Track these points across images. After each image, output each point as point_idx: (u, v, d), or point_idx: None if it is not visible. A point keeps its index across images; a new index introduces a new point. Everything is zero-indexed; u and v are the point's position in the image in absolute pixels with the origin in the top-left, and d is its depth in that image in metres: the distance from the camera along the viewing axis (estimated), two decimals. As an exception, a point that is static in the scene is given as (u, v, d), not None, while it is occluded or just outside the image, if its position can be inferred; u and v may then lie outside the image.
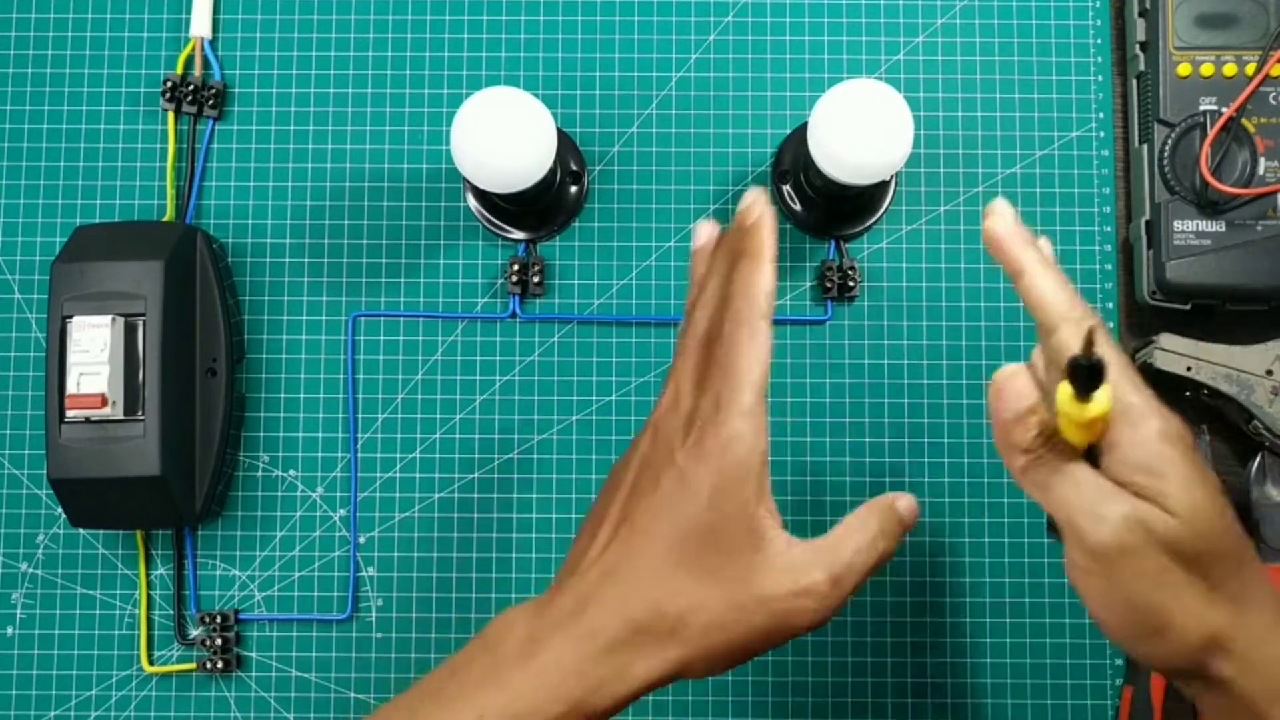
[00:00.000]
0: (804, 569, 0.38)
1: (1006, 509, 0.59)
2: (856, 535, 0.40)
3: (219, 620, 0.59)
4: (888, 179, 0.57)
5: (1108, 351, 0.36)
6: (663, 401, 0.41)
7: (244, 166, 0.62)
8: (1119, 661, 0.59)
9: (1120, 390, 0.36)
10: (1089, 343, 0.33)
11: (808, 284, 0.61)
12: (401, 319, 0.61)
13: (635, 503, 0.39)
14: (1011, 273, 0.40)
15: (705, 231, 0.44)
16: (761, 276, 0.39)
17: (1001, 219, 0.40)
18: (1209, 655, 0.35)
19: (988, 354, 0.60)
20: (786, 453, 0.60)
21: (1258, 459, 0.58)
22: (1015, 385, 0.38)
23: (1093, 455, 0.37)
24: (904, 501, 0.41)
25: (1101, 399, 0.34)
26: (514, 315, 0.61)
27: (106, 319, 0.54)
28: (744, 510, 0.38)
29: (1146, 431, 0.36)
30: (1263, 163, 0.57)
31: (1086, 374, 0.34)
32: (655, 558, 0.38)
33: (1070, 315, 0.37)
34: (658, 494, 0.38)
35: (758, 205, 0.41)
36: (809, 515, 0.60)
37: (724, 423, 0.38)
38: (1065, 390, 0.35)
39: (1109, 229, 0.61)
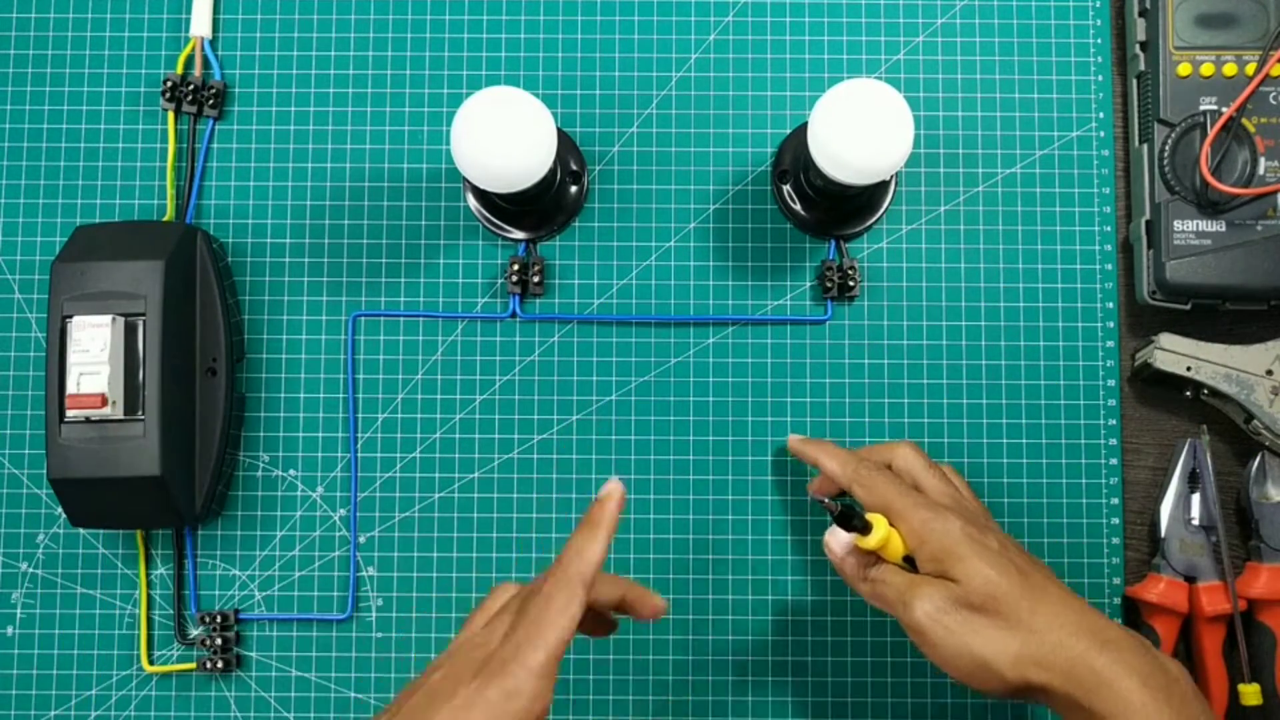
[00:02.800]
0: None
1: (1006, 509, 0.60)
2: None
3: (219, 620, 0.59)
4: (888, 179, 0.57)
5: (884, 492, 0.49)
6: (470, 626, 0.45)
7: (244, 166, 0.62)
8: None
9: (910, 516, 0.48)
10: (831, 511, 0.48)
11: (808, 284, 0.61)
12: (401, 319, 0.61)
13: None
14: (812, 464, 0.55)
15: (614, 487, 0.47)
16: (593, 545, 0.44)
17: (792, 439, 0.58)
18: (1024, 671, 0.44)
19: (988, 354, 0.60)
20: (787, 453, 0.60)
21: (1258, 459, 0.58)
22: (834, 544, 0.51)
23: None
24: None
25: (878, 530, 0.48)
26: (514, 315, 0.61)
27: (106, 319, 0.54)
28: None
29: (936, 537, 0.47)
30: (1263, 163, 0.57)
31: (841, 520, 0.48)
32: None
33: (850, 479, 0.51)
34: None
35: (613, 485, 0.46)
36: (809, 515, 0.60)
37: (512, 674, 0.40)
38: (856, 536, 0.49)
39: (1109, 229, 0.61)
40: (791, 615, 0.59)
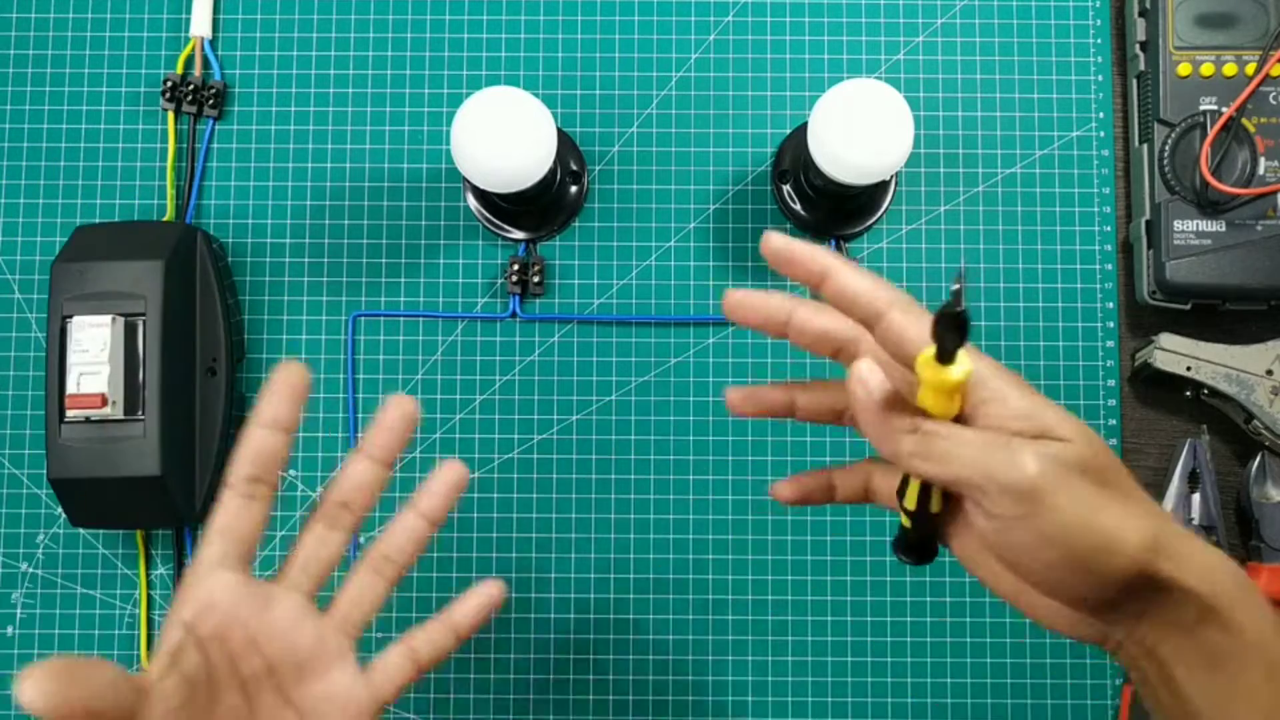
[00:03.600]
0: None
1: (1006, 509, 0.59)
2: None
3: (219, 620, 0.59)
4: (888, 179, 0.57)
5: (921, 325, 0.35)
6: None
7: (244, 166, 0.62)
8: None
9: (979, 357, 0.36)
10: (957, 296, 0.33)
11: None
12: (401, 319, 0.61)
13: None
14: (812, 278, 0.38)
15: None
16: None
17: (774, 235, 0.38)
18: (1153, 558, 0.35)
19: (987, 354, 0.60)
20: (787, 453, 0.60)
21: (1258, 459, 0.58)
22: (878, 375, 0.37)
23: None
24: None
25: (963, 360, 0.34)
26: (514, 315, 0.61)
27: (106, 319, 0.54)
28: None
29: (1006, 385, 0.36)
30: (1263, 163, 0.57)
31: (955, 325, 0.33)
32: None
33: (892, 299, 0.36)
34: None
35: (290, 369, 0.42)
36: (809, 515, 0.60)
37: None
38: (926, 360, 0.34)
39: (1109, 229, 0.61)
40: (792, 615, 0.59)
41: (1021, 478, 0.34)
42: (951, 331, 0.33)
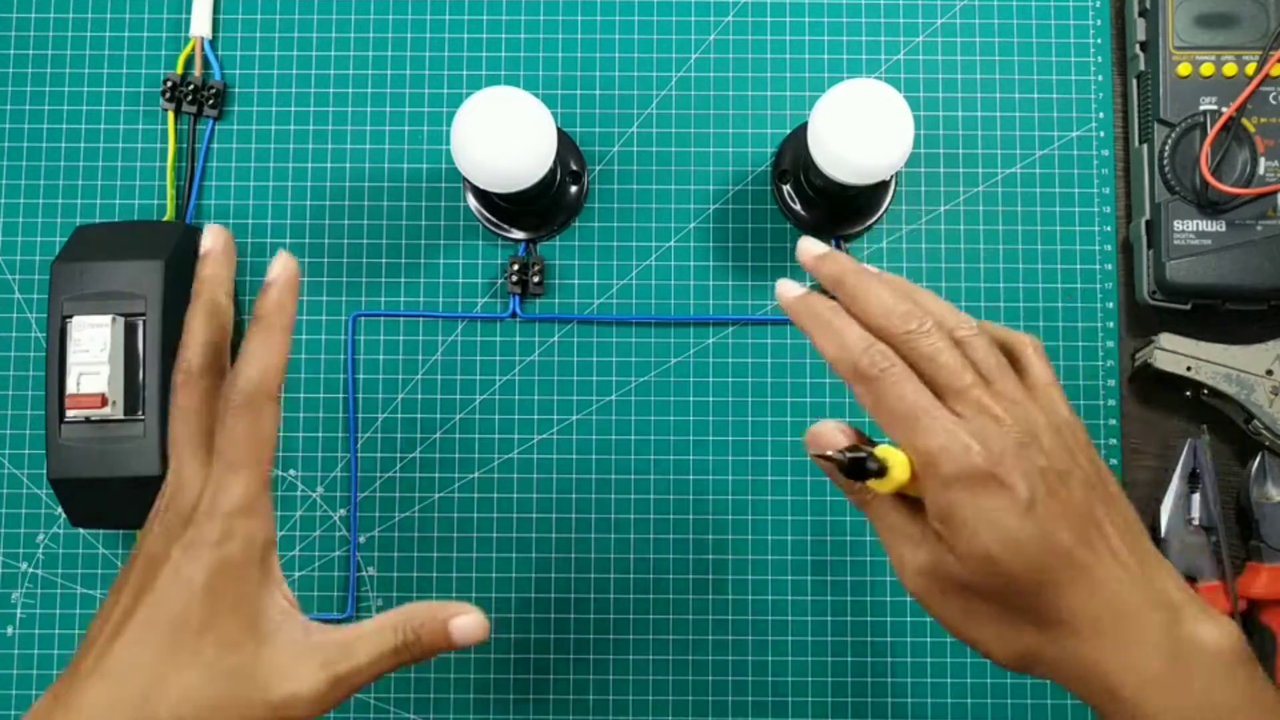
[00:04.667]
0: (306, 667, 0.37)
1: (1006, 509, 0.59)
2: (376, 641, 0.39)
3: (219, 620, 0.59)
4: (888, 179, 0.57)
5: (904, 395, 0.37)
6: (165, 490, 0.39)
7: (244, 166, 0.62)
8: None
9: (916, 441, 0.36)
10: (822, 461, 0.37)
11: (808, 284, 0.61)
12: (401, 319, 0.61)
13: (137, 600, 0.37)
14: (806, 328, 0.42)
15: (218, 239, 0.42)
16: (269, 348, 0.38)
17: (787, 289, 0.42)
18: (1026, 665, 0.37)
19: (988, 354, 0.60)
20: (787, 453, 0.60)
21: (1258, 459, 0.58)
22: (823, 439, 0.40)
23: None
24: (465, 619, 0.40)
25: (894, 474, 0.37)
26: (514, 315, 0.61)
27: (106, 319, 0.54)
28: (244, 604, 0.37)
29: (933, 482, 0.36)
30: (1263, 163, 0.57)
31: (851, 474, 0.37)
32: (152, 658, 0.36)
33: (851, 371, 0.39)
34: (155, 591, 0.37)
35: (283, 262, 0.40)
36: (809, 515, 0.60)
37: (217, 517, 0.37)
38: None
39: (1109, 229, 0.61)
40: (792, 615, 0.59)
41: (905, 581, 0.38)
42: (852, 473, 0.38)
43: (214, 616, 0.37)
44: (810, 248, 0.43)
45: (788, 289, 0.42)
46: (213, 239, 0.41)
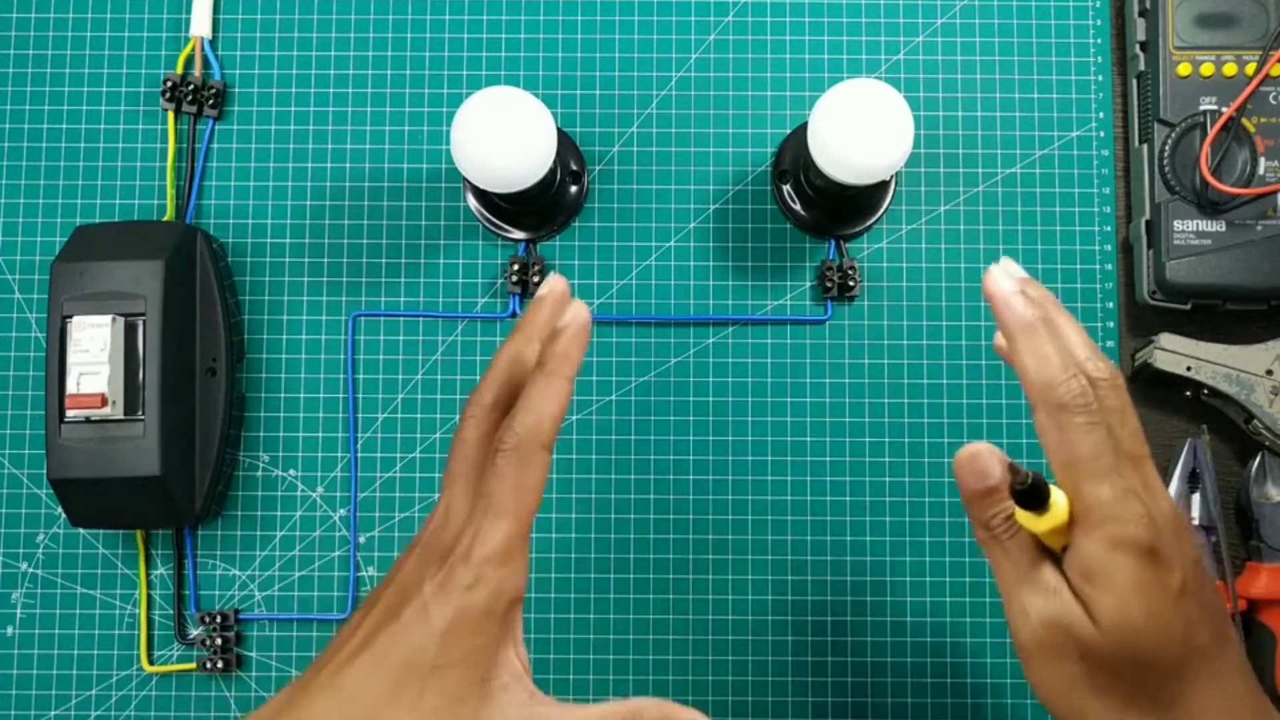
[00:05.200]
0: None
1: (1006, 509, 0.59)
2: None
3: (219, 620, 0.59)
4: (888, 179, 0.57)
5: (1083, 440, 0.35)
6: (433, 519, 0.39)
7: (244, 166, 0.62)
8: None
9: (1087, 490, 0.35)
10: (1013, 474, 0.35)
11: (808, 284, 0.61)
12: (401, 319, 0.61)
13: (379, 627, 0.37)
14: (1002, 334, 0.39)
15: (557, 285, 0.42)
16: (550, 398, 0.38)
17: (1002, 278, 0.39)
18: None
19: (988, 354, 0.60)
20: (787, 452, 0.60)
21: (1258, 459, 0.58)
22: (976, 466, 0.38)
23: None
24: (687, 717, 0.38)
25: (1055, 512, 0.35)
26: (514, 315, 0.61)
27: (106, 319, 0.54)
28: (478, 656, 0.36)
29: (1097, 536, 0.35)
30: (1263, 162, 0.57)
31: (1022, 499, 0.35)
32: (380, 688, 0.36)
33: (1045, 397, 0.36)
34: (398, 622, 0.36)
35: (579, 314, 0.39)
36: (809, 515, 0.60)
37: (474, 563, 0.36)
38: (1020, 512, 0.36)
39: (1109, 229, 0.61)
40: (792, 615, 0.59)
41: (1019, 634, 0.36)
42: (1023, 501, 0.35)
43: (446, 664, 0.36)
44: (1011, 270, 0.39)
45: (1002, 282, 0.38)
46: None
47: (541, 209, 0.60)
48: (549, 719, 0.36)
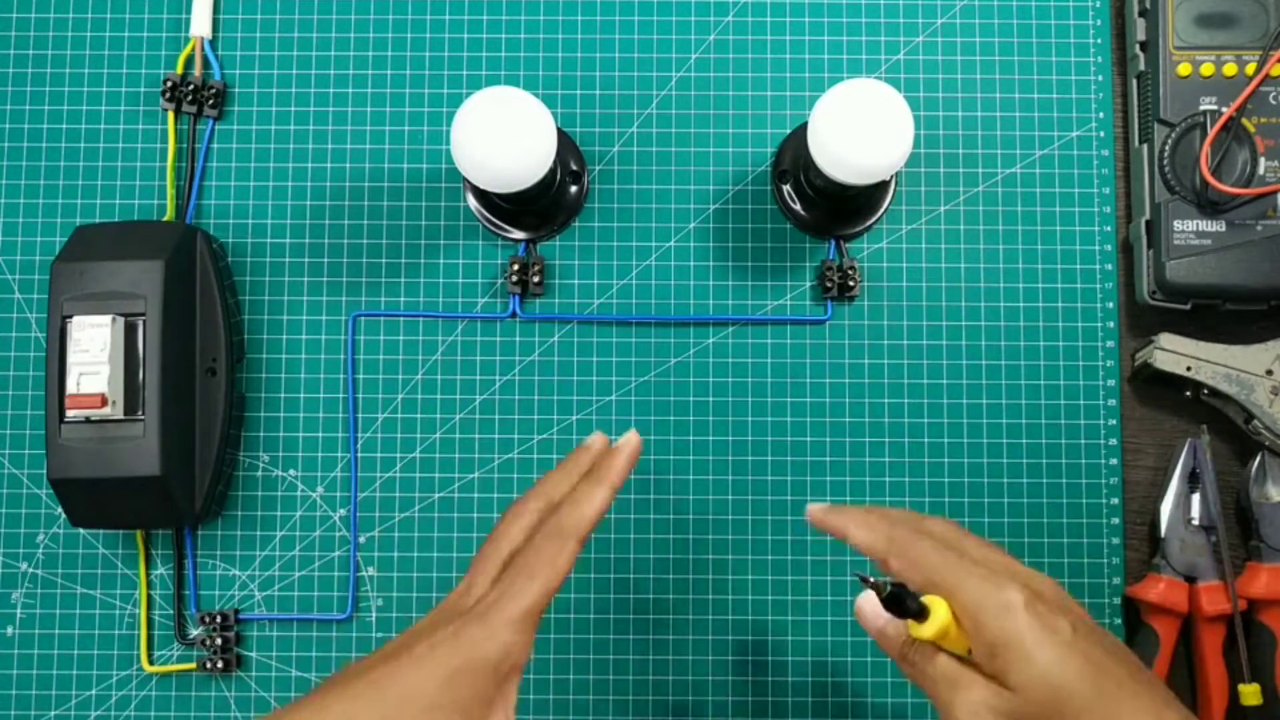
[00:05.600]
0: None
1: (1006, 509, 0.60)
2: None
3: (219, 620, 0.59)
4: (888, 179, 0.57)
5: (927, 555, 0.41)
6: (455, 591, 0.43)
7: (244, 166, 0.62)
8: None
9: (956, 588, 0.40)
10: (869, 585, 0.41)
11: (808, 284, 0.61)
12: (401, 319, 0.61)
13: (385, 661, 0.40)
14: (839, 538, 0.44)
15: (598, 440, 0.47)
16: (597, 498, 0.43)
17: (812, 508, 0.46)
18: None
19: (987, 354, 0.60)
20: (787, 452, 0.60)
21: (1258, 459, 0.58)
22: (865, 613, 0.44)
23: None
24: None
25: (937, 614, 0.40)
26: (514, 315, 0.61)
27: (106, 319, 0.54)
28: (473, 708, 0.39)
29: (985, 618, 0.39)
30: (1263, 163, 0.57)
31: (890, 603, 0.40)
32: (370, 716, 0.38)
33: (885, 550, 0.42)
34: (403, 658, 0.39)
35: (632, 438, 0.46)
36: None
37: (488, 621, 0.40)
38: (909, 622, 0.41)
39: (1109, 229, 0.61)
40: (792, 615, 0.59)
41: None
42: (895, 608, 0.41)
43: (442, 706, 0.38)
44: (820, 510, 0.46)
45: (814, 506, 0.46)
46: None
47: (541, 209, 0.60)
48: None
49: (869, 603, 0.44)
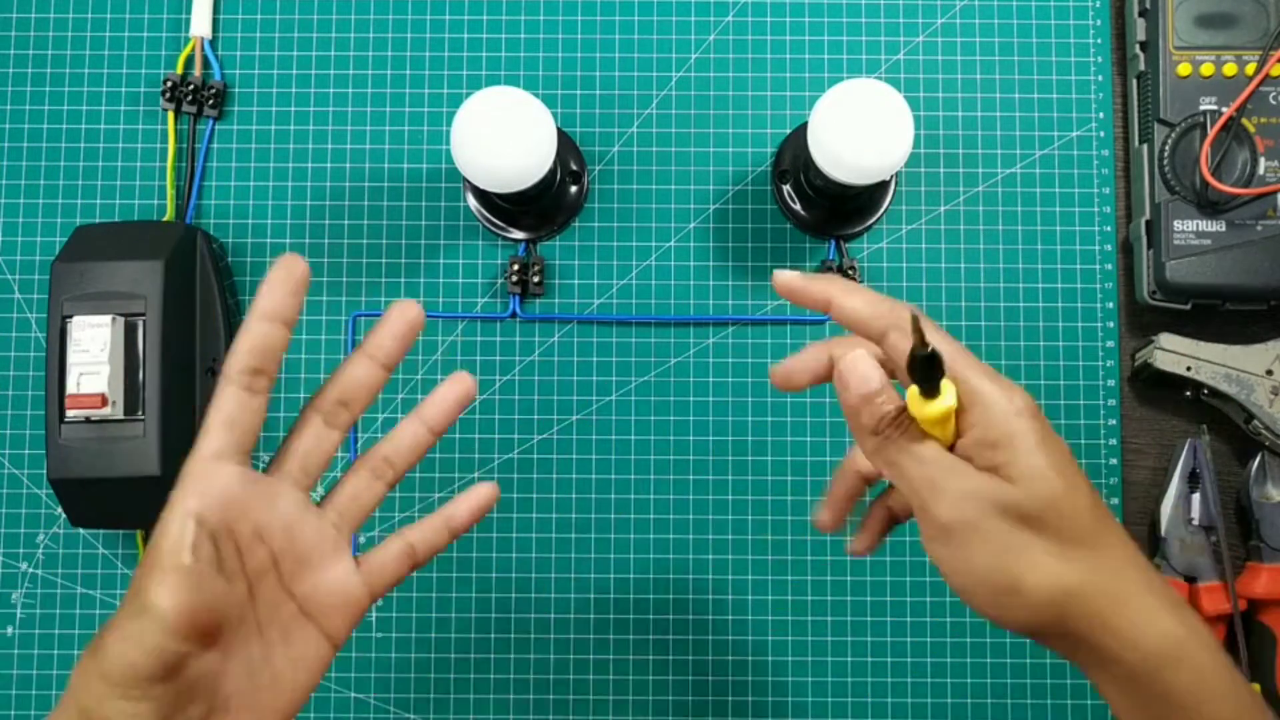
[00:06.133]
0: None
1: (1006, 509, 0.59)
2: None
3: (219, 620, 0.59)
4: (888, 179, 0.57)
5: (942, 343, 0.36)
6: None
7: (244, 166, 0.62)
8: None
9: (967, 377, 0.36)
10: (919, 334, 0.34)
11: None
12: (401, 319, 0.61)
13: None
14: (820, 307, 0.40)
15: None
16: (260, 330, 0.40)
17: (784, 272, 0.41)
18: (1061, 614, 0.35)
19: (988, 354, 0.60)
20: (787, 452, 0.60)
21: (1258, 459, 0.58)
22: (859, 369, 0.38)
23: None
24: None
25: (946, 396, 0.36)
26: (514, 315, 0.61)
27: (106, 319, 0.54)
28: None
29: (995, 411, 0.36)
30: (1263, 162, 0.57)
31: (925, 365, 0.35)
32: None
33: (891, 319, 0.37)
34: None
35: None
36: (809, 515, 0.60)
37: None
38: (913, 395, 0.36)
39: (1109, 229, 0.61)
40: (792, 615, 0.59)
41: (938, 511, 0.36)
42: (923, 371, 0.35)
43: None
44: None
45: (787, 274, 0.41)
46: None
47: (541, 209, 0.60)
48: None
49: (862, 363, 0.38)
